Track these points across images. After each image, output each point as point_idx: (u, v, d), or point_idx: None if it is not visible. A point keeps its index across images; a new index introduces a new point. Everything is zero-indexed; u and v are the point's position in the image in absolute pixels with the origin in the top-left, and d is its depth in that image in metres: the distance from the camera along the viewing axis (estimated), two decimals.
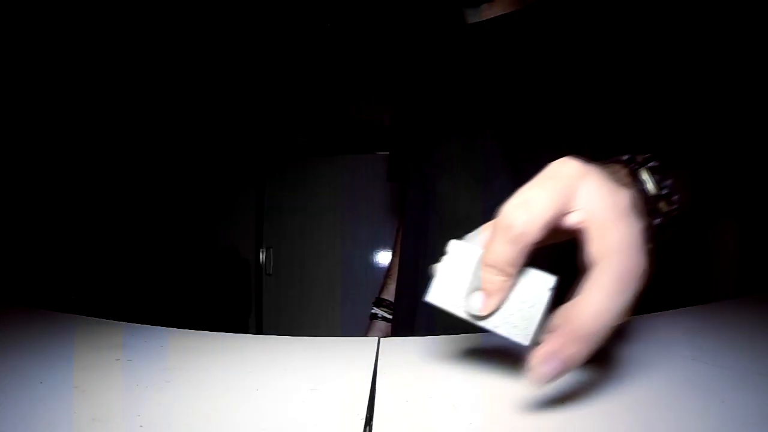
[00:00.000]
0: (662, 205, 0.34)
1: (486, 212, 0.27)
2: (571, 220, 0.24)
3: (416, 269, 0.68)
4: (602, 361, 0.31)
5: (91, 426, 0.23)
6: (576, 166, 0.24)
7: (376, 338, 0.38)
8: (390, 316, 0.80)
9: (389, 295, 0.82)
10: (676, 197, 0.35)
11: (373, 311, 0.83)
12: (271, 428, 0.23)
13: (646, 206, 0.33)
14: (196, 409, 0.25)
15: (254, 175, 2.45)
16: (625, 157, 0.35)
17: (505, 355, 0.33)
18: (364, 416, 0.24)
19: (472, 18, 0.69)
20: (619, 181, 0.28)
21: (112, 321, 0.49)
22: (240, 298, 2.36)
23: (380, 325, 0.81)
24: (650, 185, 0.33)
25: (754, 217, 1.54)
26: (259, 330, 2.39)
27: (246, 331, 2.23)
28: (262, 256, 2.45)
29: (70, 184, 1.29)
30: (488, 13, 0.67)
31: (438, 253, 0.26)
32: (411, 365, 0.33)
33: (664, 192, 0.34)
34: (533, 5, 0.66)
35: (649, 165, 0.34)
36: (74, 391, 0.28)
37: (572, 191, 0.23)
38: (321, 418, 0.24)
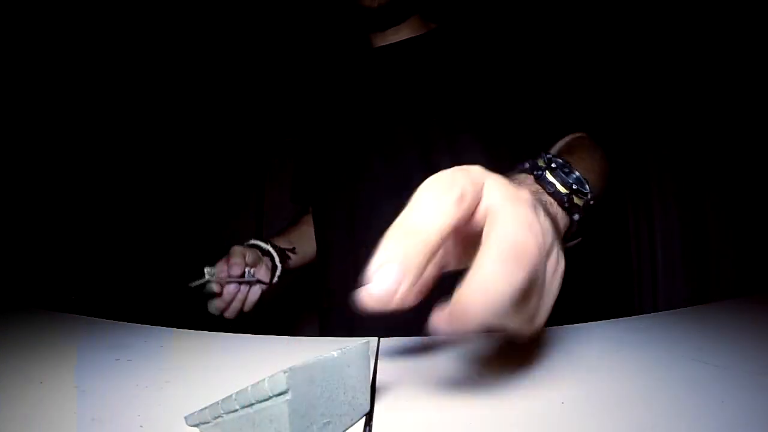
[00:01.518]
0: (576, 200, 0.35)
1: None
2: (476, 219, 0.23)
3: (349, 285, 0.66)
4: (602, 360, 0.31)
5: (91, 426, 0.23)
6: (479, 168, 0.23)
7: (376, 338, 0.38)
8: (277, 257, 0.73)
9: (279, 242, 0.77)
10: (587, 187, 0.36)
11: (253, 242, 0.74)
12: None
13: (561, 205, 0.34)
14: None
15: (254, 175, 2.45)
16: (527, 165, 0.36)
17: (505, 355, 0.33)
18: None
19: (379, 42, 0.76)
20: (526, 189, 0.29)
21: (112, 321, 0.49)
22: None
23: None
24: (559, 186, 0.34)
25: (753, 218, 1.54)
26: None
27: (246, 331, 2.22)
28: None
29: (69, 184, 1.29)
30: (394, 37, 0.74)
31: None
32: (411, 365, 0.33)
33: (574, 187, 0.35)
34: (435, 30, 0.74)
35: (552, 165, 0.36)
36: (74, 391, 0.28)
37: (479, 189, 0.22)
38: None
